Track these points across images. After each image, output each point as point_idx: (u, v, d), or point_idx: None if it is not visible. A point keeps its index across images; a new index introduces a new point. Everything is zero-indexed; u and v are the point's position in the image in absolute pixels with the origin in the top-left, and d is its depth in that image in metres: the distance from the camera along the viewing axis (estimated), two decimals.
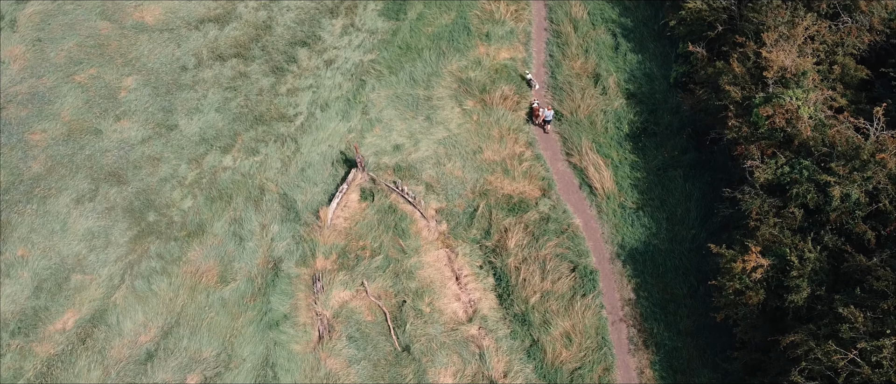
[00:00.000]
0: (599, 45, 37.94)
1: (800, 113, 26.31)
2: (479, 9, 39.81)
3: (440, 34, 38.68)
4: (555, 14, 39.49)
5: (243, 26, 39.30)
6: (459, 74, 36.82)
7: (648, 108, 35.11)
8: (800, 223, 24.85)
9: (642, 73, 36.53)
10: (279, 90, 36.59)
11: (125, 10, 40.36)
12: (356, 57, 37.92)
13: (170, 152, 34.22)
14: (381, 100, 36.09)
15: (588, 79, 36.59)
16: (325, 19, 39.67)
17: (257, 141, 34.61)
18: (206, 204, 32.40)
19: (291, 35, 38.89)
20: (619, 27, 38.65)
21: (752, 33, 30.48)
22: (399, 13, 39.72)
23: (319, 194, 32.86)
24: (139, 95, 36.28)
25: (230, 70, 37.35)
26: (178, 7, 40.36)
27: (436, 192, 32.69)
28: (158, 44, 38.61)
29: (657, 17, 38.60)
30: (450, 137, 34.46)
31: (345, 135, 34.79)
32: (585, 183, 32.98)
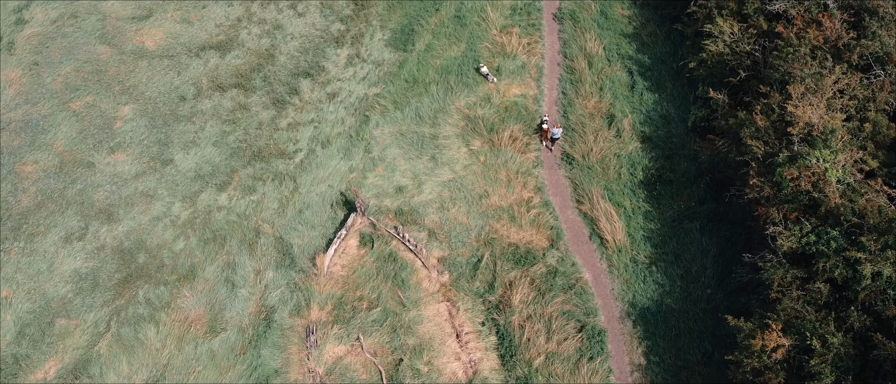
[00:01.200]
0: (615, 83, 36.28)
1: (827, 176, 24.54)
2: (489, 41, 38.28)
3: (449, 67, 37.19)
4: (569, 48, 37.88)
5: (245, 54, 38.00)
6: (467, 112, 35.30)
7: (664, 154, 33.41)
8: (825, 298, 23.09)
9: (659, 115, 34.83)
10: (279, 124, 35.24)
11: (126, 33, 39.20)
12: (361, 90, 36.49)
13: (164, 189, 32.94)
14: (385, 137, 34.64)
15: (602, 119, 34.94)
16: (329, 48, 38.30)
17: (255, 179, 33.26)
18: (199, 246, 31.08)
19: (294, 65, 37.54)
20: (635, 64, 36.96)
21: (777, 83, 28.72)
22: (407, 44, 38.28)
23: (317, 238, 31.45)
24: (135, 126, 35.05)
25: (230, 101, 36.05)
26: (180, 31, 39.15)
27: (439, 240, 31.18)
28: (158, 71, 37.38)
29: (676, 55, 36.90)
30: (455, 180, 32.94)
31: (346, 174, 33.36)
32: (596, 233, 31.34)
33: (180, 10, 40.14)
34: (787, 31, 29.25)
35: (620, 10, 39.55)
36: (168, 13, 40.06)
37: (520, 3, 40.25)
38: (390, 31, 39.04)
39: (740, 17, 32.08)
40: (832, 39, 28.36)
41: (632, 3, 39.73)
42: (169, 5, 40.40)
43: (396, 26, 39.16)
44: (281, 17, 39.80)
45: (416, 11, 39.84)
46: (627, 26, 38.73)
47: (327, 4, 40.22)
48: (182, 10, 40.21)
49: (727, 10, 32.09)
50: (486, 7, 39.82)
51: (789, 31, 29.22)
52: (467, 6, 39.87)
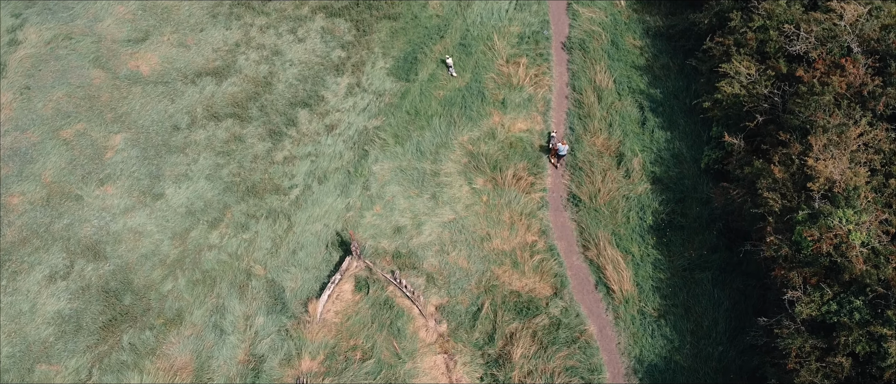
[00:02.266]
0: (625, 118, 34.77)
1: (851, 239, 22.98)
2: (495, 71, 36.86)
3: (452, 99, 35.80)
4: (578, 81, 36.39)
5: (242, 82, 36.73)
6: (470, 147, 33.89)
7: (675, 197, 31.89)
8: (847, 373, 21.54)
9: (670, 155, 33.31)
10: (275, 157, 33.93)
11: (120, 57, 38.04)
12: (360, 122, 35.14)
13: (153, 225, 31.70)
14: (384, 173, 33.28)
15: (610, 158, 33.45)
16: (329, 77, 36.98)
17: (248, 216, 31.97)
18: (188, 288, 29.82)
19: (292, 94, 36.25)
20: (647, 99, 35.45)
21: (796, 130, 27.16)
22: (409, 73, 36.90)
23: (310, 281, 30.13)
24: (126, 157, 33.85)
25: (224, 132, 34.78)
26: (176, 56, 37.94)
27: (437, 285, 29.79)
28: (152, 98, 36.18)
29: (689, 90, 35.35)
30: (456, 221, 31.54)
31: (342, 213, 32.02)
32: (602, 282, 29.87)
33: (177, 33, 38.95)
34: (807, 75, 27.69)
35: (632, 40, 38.04)
36: (164, 36, 38.88)
37: (528, 30, 38.82)
38: (393, 59, 37.67)
39: (760, 55, 30.53)
40: (856, 86, 26.79)
41: (644, 33, 38.22)
42: (165, 28, 39.22)
43: (399, 54, 37.81)
44: (280, 42, 38.52)
45: (420, 38, 38.49)
46: (639, 58, 37.22)
47: (328, 30, 38.93)
48: (179, 33, 39.01)
49: (747, 49, 30.51)
50: (492, 34, 38.41)
51: (810, 76, 27.65)
52: (473, 33, 38.48)
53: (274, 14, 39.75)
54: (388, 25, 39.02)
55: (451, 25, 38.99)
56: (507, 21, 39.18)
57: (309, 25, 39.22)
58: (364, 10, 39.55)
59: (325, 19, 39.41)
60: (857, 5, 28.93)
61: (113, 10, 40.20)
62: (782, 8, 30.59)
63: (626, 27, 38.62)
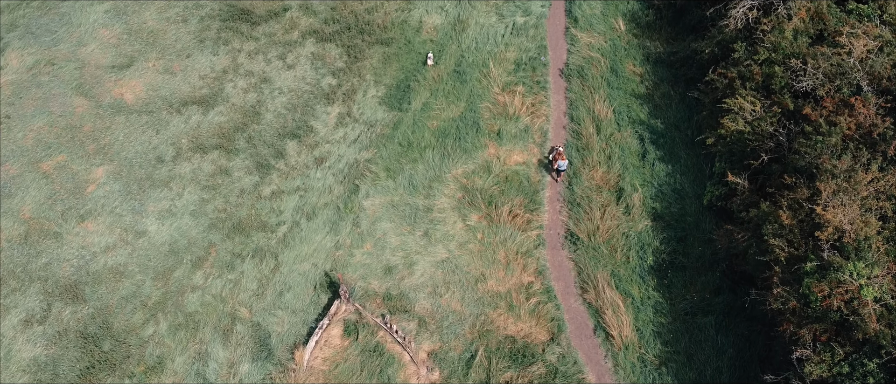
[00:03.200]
0: (625, 151, 33.62)
1: (863, 295, 21.84)
2: (491, 100, 35.69)
3: (446, 130, 34.62)
4: (576, 110, 35.24)
5: (229, 111, 35.55)
6: (465, 181, 32.73)
7: (677, 235, 30.74)
8: None
9: (672, 190, 32.16)
10: (262, 192, 32.75)
11: (104, 84, 36.87)
12: (351, 154, 33.97)
13: (135, 264, 30.52)
14: (375, 208, 32.11)
15: (610, 193, 32.30)
16: (319, 106, 35.80)
17: (233, 255, 30.79)
18: (170, 332, 28.64)
19: (281, 124, 35.07)
20: (647, 130, 34.30)
21: (803, 172, 26.00)
22: (402, 102, 35.74)
23: (297, 325, 28.97)
24: (108, 191, 32.67)
25: (210, 164, 33.60)
26: (161, 84, 36.76)
27: (429, 330, 28.63)
28: (136, 128, 35.00)
29: (691, 121, 34.23)
30: (450, 260, 30.37)
31: (331, 251, 30.84)
32: (601, 326, 28.70)
33: (163, 59, 37.77)
34: (814, 114, 26.55)
35: (632, 66, 36.91)
36: (150, 62, 37.71)
37: (524, 55, 37.67)
38: (385, 87, 36.51)
39: (765, 90, 29.38)
40: (865, 127, 25.63)
41: (644, 60, 37.07)
42: (151, 53, 38.06)
43: (391, 82, 36.65)
44: (269, 68, 37.34)
45: (414, 65, 37.33)
46: (639, 86, 36.07)
47: (319, 56, 37.76)
48: (165, 58, 37.84)
49: (751, 83, 29.36)
50: (488, 61, 37.25)
51: (817, 114, 26.52)
52: (469, 59, 37.33)
53: (263, 39, 38.58)
54: (380, 51, 37.87)
55: (446, 51, 37.84)
56: (504, 46, 38.05)
57: (299, 51, 38.06)
58: (356, 35, 38.39)
59: (316, 44, 38.26)
60: (866, 39, 27.78)
61: (97, 33, 39.04)
62: (788, 41, 29.46)
63: (626, 53, 37.48)
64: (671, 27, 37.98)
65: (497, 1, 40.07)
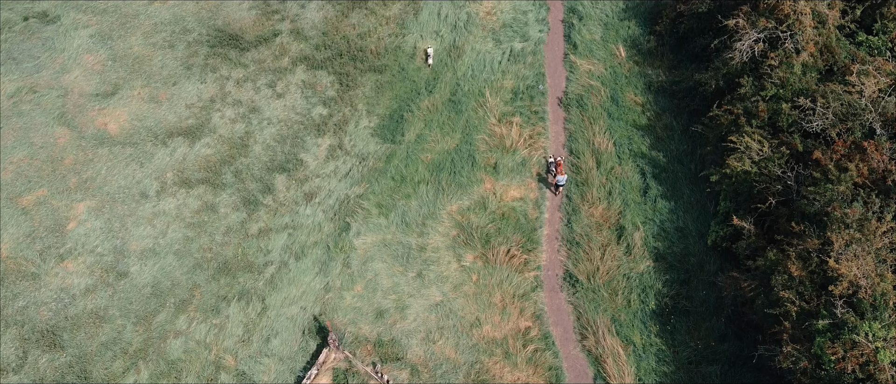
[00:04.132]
0: (625, 186, 32.43)
1: (879, 358, 20.64)
2: (487, 132, 34.49)
3: (441, 163, 33.41)
4: (575, 142, 34.04)
5: (216, 143, 34.31)
6: (460, 218, 31.53)
7: (680, 277, 29.57)
8: None
9: (674, 228, 30.98)
10: (249, 229, 31.52)
11: (88, 113, 35.60)
12: (342, 189, 32.74)
13: (116, 308, 29.28)
14: (366, 247, 30.90)
15: (610, 231, 31.11)
16: (309, 137, 34.57)
17: (218, 298, 29.55)
18: (152, 382, 27.37)
19: (270, 157, 33.83)
20: (649, 164, 33.10)
21: (813, 220, 24.81)
22: (395, 134, 34.52)
23: (285, 373, 27.74)
24: (89, 229, 31.42)
25: (196, 200, 32.36)
26: (146, 113, 35.51)
27: (422, 379, 27.39)
28: (119, 161, 33.75)
29: (694, 154, 33.06)
30: (444, 303, 29.17)
31: (321, 294, 29.62)
32: (602, 376, 27.50)
33: (148, 87, 36.53)
34: (824, 158, 25.36)
35: (633, 95, 35.71)
36: (135, 90, 36.46)
37: (522, 84, 36.46)
38: (378, 117, 35.29)
39: (772, 128, 28.21)
40: (879, 172, 24.45)
41: (646, 89, 35.89)
42: (136, 81, 36.81)
43: (384, 112, 35.43)
44: (258, 97, 36.11)
45: (408, 94, 36.12)
46: (640, 116, 34.88)
47: (310, 84, 36.53)
48: (150, 86, 36.59)
49: (758, 120, 28.16)
50: (484, 89, 36.04)
51: (827, 158, 25.32)
52: (464, 88, 36.12)
53: (252, 66, 37.35)
54: (373, 79, 36.66)
55: (441, 79, 36.62)
56: (501, 74, 36.84)
57: (289, 79, 36.83)
58: (348, 62, 37.18)
59: (307, 72, 37.04)
60: (878, 77, 26.60)
61: (81, 59, 37.79)
62: (796, 76, 28.29)
63: (627, 81, 36.30)
64: (673, 54, 36.80)
65: (494, 26, 38.85)
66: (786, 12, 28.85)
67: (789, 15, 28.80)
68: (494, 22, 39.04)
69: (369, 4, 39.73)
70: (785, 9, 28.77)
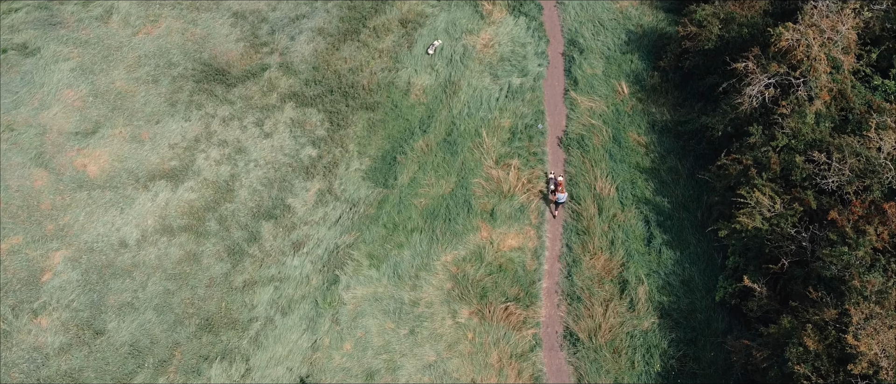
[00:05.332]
0: (628, 234, 30.93)
1: None
2: (483, 175, 32.97)
3: (435, 210, 31.89)
4: (576, 187, 32.53)
5: (201, 186, 32.79)
6: (455, 270, 30.04)
7: (686, 336, 28.07)
8: None
9: (680, 281, 29.49)
10: (234, 282, 30.01)
11: (66, 153, 34.09)
12: (331, 238, 31.22)
13: (92, 369, 27.77)
14: (356, 301, 29.40)
15: (612, 284, 29.62)
16: (298, 181, 33.04)
17: (200, 357, 28.04)
18: None
19: (256, 202, 32.31)
20: (653, 210, 31.59)
21: (830, 288, 23.30)
22: (388, 177, 33.00)
23: None
24: (66, 281, 29.92)
25: (178, 249, 30.84)
26: (127, 154, 34.00)
27: None
28: (98, 206, 32.23)
29: (700, 200, 31.58)
30: (438, 363, 27.68)
31: (308, 353, 28.13)
32: None
33: (130, 126, 35.01)
34: (841, 219, 23.86)
35: (636, 135, 34.22)
36: (116, 129, 34.94)
37: (520, 123, 34.96)
38: (369, 159, 33.77)
39: (784, 181, 26.69)
40: None
41: (649, 128, 34.38)
42: (118, 118, 35.29)
43: (376, 153, 33.91)
44: (245, 137, 34.59)
45: (401, 133, 34.61)
46: (644, 158, 33.38)
47: (299, 122, 35.02)
48: (132, 125, 35.07)
49: (769, 173, 26.64)
50: (481, 129, 34.54)
51: (844, 219, 23.81)
52: (460, 128, 34.61)
53: (239, 103, 35.83)
54: (364, 117, 35.14)
55: (436, 117, 35.13)
56: (498, 111, 35.34)
57: (277, 116, 35.30)
58: (338, 99, 35.68)
59: (296, 109, 35.52)
60: None
61: (61, 95, 36.28)
62: (809, 126, 26.78)
63: (630, 120, 34.81)
64: (678, 91, 35.32)
65: (491, 60, 37.35)
66: (799, 58, 27.34)
67: (803, 61, 27.30)
68: (492, 55, 37.55)
69: (361, 37, 38.25)
70: (798, 54, 27.27)
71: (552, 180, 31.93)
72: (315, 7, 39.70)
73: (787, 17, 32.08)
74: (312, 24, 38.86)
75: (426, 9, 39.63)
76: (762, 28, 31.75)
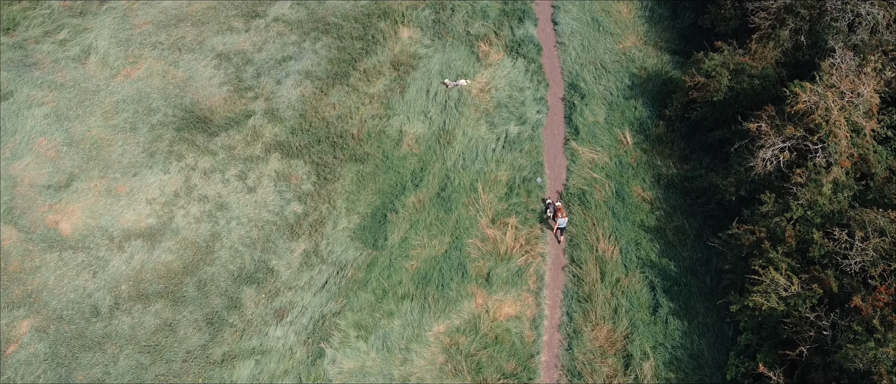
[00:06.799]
0: (633, 302, 29.08)
1: None
2: (479, 235, 31.09)
3: (427, 274, 30.02)
4: (577, 249, 30.69)
5: (179, 247, 30.89)
6: (447, 341, 28.18)
7: None
8: None
9: (688, 355, 27.63)
10: (212, 355, 28.12)
11: (38, 208, 32.18)
12: (316, 305, 29.34)
13: None
14: (343, 377, 27.60)
15: (616, 358, 27.77)
16: (282, 241, 31.15)
17: None
18: None
19: (238, 265, 30.42)
20: (659, 275, 29.74)
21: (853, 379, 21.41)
22: (377, 237, 31.11)
23: None
24: (32, 355, 28.05)
25: (153, 318, 28.95)
26: (102, 210, 32.11)
27: None
28: (70, 268, 30.36)
29: (710, 264, 29.75)
30: None
31: None
32: None
33: (106, 179, 33.12)
34: (866, 307, 21.99)
35: (640, 190, 32.36)
36: (91, 181, 33.05)
37: (518, 176, 33.10)
38: (358, 216, 31.87)
39: (801, 257, 24.81)
40: None
41: (654, 182, 32.53)
42: (93, 170, 33.41)
43: (366, 210, 32.02)
44: (226, 191, 32.70)
45: (392, 187, 32.73)
46: (649, 216, 31.51)
47: (284, 175, 33.13)
48: (108, 177, 33.18)
49: (784, 247, 24.77)
50: (476, 183, 32.67)
51: (870, 307, 21.93)
52: (454, 182, 32.73)
53: (221, 153, 33.93)
54: (354, 169, 33.26)
55: (429, 169, 33.26)
56: (495, 163, 33.46)
57: (261, 169, 33.41)
58: (326, 149, 33.80)
59: (281, 161, 33.63)
60: None
61: (34, 144, 34.38)
62: (826, 197, 24.91)
63: (634, 173, 32.96)
64: (684, 142, 33.47)
65: (487, 106, 35.47)
66: (817, 122, 25.47)
67: (821, 125, 25.43)
68: (488, 102, 35.68)
69: (351, 80, 36.39)
70: (816, 118, 25.41)
71: (550, 205, 30.70)
72: (303, 48, 37.85)
73: (801, 69, 30.34)
74: (300, 66, 36.99)
75: (419, 50, 37.78)
76: (775, 80, 29.97)
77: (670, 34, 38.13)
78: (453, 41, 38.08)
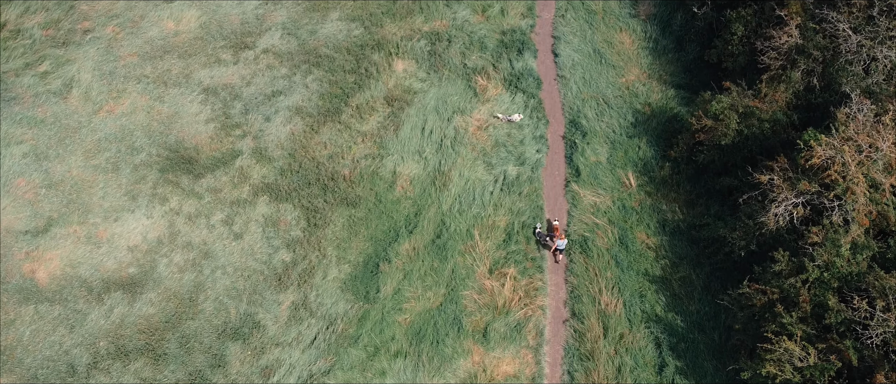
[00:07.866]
0: (637, 360, 27.67)
1: None
2: (476, 287, 29.66)
3: (421, 329, 28.59)
4: (579, 302, 29.24)
5: (161, 299, 29.44)
6: None
7: None
8: None
9: None
10: None
11: (14, 256, 30.75)
12: (304, 364, 27.90)
13: None
14: None
15: None
16: (269, 292, 29.69)
17: None
18: None
19: (222, 319, 28.98)
20: (664, 330, 28.32)
21: None
22: (369, 288, 29.67)
23: None
24: None
25: (133, 377, 27.52)
26: (81, 258, 30.65)
27: None
28: (46, 323, 28.93)
29: (718, 319, 28.35)
30: None
31: None
32: None
33: (86, 224, 31.67)
34: None
35: (645, 236, 30.93)
36: (71, 226, 31.59)
37: (517, 221, 31.66)
38: (349, 265, 30.42)
39: (817, 322, 23.36)
40: None
41: (659, 228, 31.11)
42: (73, 214, 31.97)
43: (357, 259, 30.57)
44: (212, 237, 31.24)
45: (385, 234, 31.28)
46: (653, 265, 30.09)
47: (272, 221, 31.68)
48: (88, 222, 31.73)
49: (798, 312, 23.33)
50: (473, 229, 31.22)
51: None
52: (450, 228, 31.30)
53: (206, 196, 32.47)
54: (345, 214, 31.80)
55: (423, 214, 31.81)
56: (492, 208, 32.01)
57: (249, 213, 31.95)
58: (317, 193, 32.36)
59: (269, 205, 32.17)
60: None
61: (12, 185, 32.92)
62: (843, 260, 23.45)
63: (638, 218, 31.53)
64: (691, 185, 32.03)
65: (485, 146, 34.01)
66: (833, 177, 24.01)
67: (838, 181, 23.97)
68: (486, 140, 34.22)
69: (343, 117, 34.94)
70: (833, 174, 23.95)
71: (548, 224, 29.98)
72: (293, 81, 36.39)
73: (813, 112, 28.93)
74: (290, 101, 35.54)
75: (414, 84, 36.34)
76: (786, 125, 28.54)
77: (675, 67, 36.70)
78: (450, 74, 36.64)
